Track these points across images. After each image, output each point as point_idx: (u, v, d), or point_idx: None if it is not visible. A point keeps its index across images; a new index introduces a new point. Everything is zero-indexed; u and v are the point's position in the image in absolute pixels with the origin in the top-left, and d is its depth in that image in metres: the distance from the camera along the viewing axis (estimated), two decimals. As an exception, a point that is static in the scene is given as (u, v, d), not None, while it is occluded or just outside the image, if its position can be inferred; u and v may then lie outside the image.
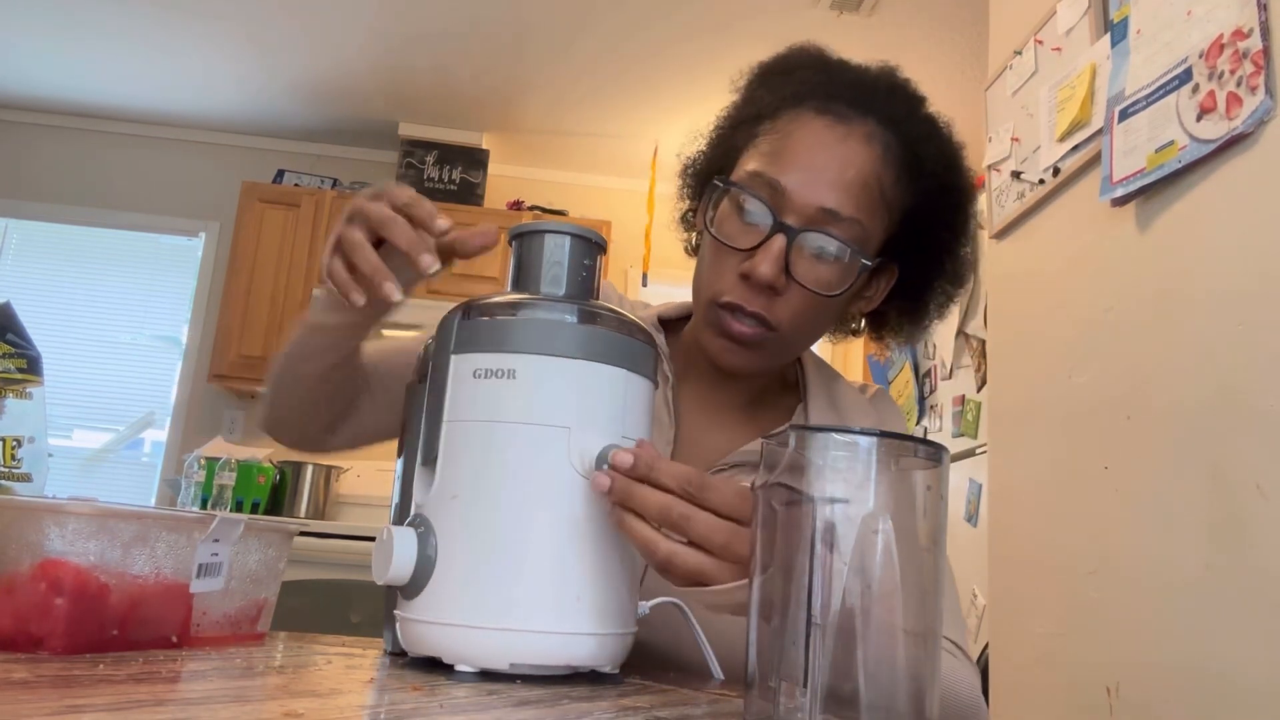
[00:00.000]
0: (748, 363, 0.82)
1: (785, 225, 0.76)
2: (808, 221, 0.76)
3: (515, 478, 0.59)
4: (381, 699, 0.49)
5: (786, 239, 0.76)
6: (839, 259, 0.77)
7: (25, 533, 0.53)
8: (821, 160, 0.77)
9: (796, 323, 0.79)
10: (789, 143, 0.78)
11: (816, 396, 0.90)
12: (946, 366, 2.64)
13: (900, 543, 0.44)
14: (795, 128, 0.79)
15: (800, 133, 0.79)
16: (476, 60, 3.50)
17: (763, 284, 0.76)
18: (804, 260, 0.77)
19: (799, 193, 0.76)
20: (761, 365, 0.83)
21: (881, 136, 0.79)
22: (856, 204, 0.77)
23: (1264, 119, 1.07)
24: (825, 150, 0.77)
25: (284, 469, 3.52)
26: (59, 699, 0.40)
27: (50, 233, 4.11)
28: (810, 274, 0.77)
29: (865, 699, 0.43)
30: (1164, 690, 1.17)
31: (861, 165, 0.78)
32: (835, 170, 0.77)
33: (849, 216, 0.76)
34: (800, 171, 0.77)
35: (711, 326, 0.81)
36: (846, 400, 0.91)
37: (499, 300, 0.63)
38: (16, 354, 0.75)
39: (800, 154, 0.77)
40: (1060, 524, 1.46)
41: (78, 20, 3.39)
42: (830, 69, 0.84)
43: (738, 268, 0.78)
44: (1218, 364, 1.13)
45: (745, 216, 0.78)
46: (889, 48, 3.19)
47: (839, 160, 0.77)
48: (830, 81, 0.82)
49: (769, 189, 0.77)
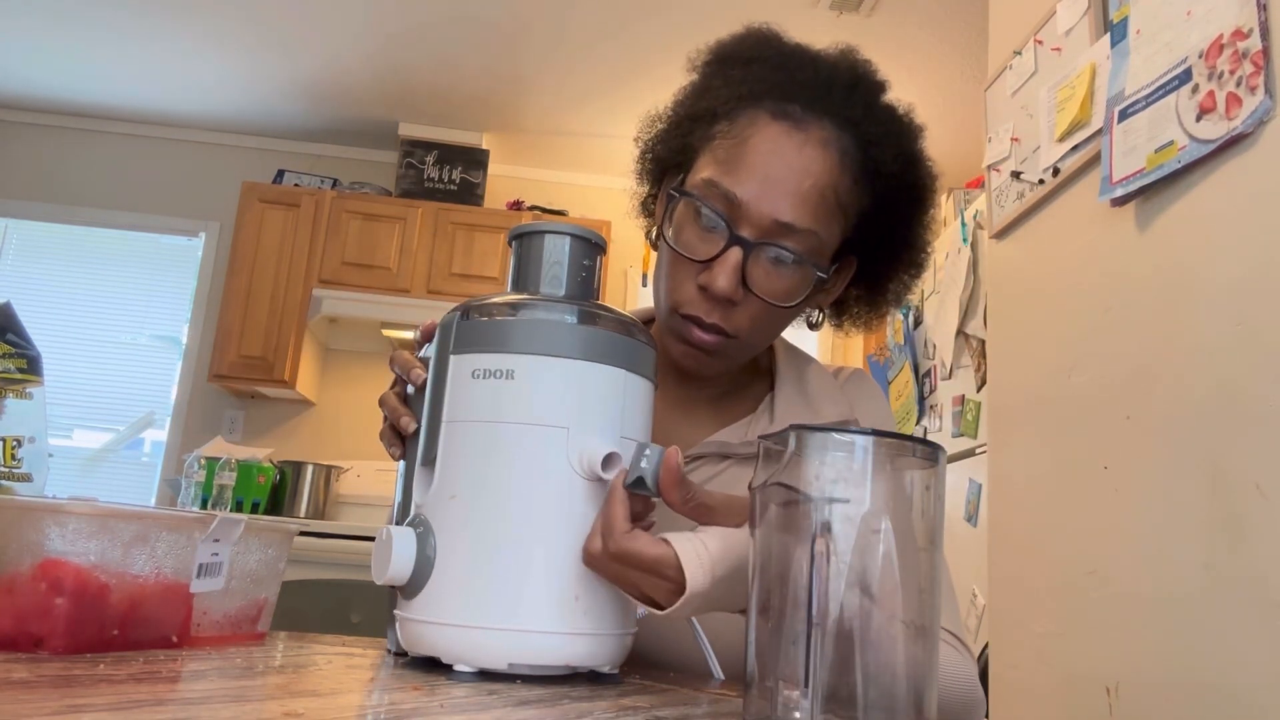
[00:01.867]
0: (709, 367, 0.83)
1: (741, 238, 0.76)
2: (763, 234, 0.76)
3: (514, 478, 0.59)
4: (381, 699, 0.49)
5: (743, 252, 0.76)
6: (795, 270, 0.78)
7: (26, 533, 0.53)
8: (777, 171, 0.77)
9: (755, 328, 0.80)
10: (744, 150, 0.78)
11: (785, 384, 0.90)
12: (946, 366, 2.64)
13: (898, 542, 0.44)
14: (751, 133, 0.78)
15: (756, 139, 0.78)
16: (476, 60, 3.50)
17: (719, 298, 0.76)
18: (760, 271, 0.77)
19: (754, 205, 0.76)
20: (723, 368, 0.84)
21: (838, 142, 0.79)
22: (813, 215, 0.77)
23: (1264, 119, 1.07)
24: (781, 160, 0.77)
25: (284, 469, 3.52)
26: (59, 699, 0.40)
27: (50, 233, 4.11)
28: (766, 285, 0.77)
29: (864, 698, 0.43)
30: (1163, 690, 1.17)
31: (818, 175, 0.77)
32: (792, 181, 0.76)
33: (804, 228, 0.76)
34: (756, 183, 0.76)
35: (673, 333, 0.81)
36: (817, 386, 0.90)
37: (497, 301, 0.63)
38: (16, 354, 0.76)
39: (756, 164, 0.77)
40: (1060, 524, 1.46)
41: (78, 20, 3.39)
42: (788, 63, 0.82)
43: (695, 278, 0.78)
44: (1217, 364, 1.13)
45: (702, 225, 0.78)
46: (889, 48, 3.19)
47: (796, 171, 0.77)
48: (788, 80, 0.81)
49: (724, 201, 0.77)
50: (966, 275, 2.53)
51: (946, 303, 2.66)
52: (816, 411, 0.87)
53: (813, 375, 0.92)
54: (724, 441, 0.85)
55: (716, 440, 0.85)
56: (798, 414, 0.86)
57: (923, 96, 3.48)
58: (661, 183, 0.90)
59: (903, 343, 2.98)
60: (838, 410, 0.87)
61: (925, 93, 3.45)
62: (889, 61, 3.85)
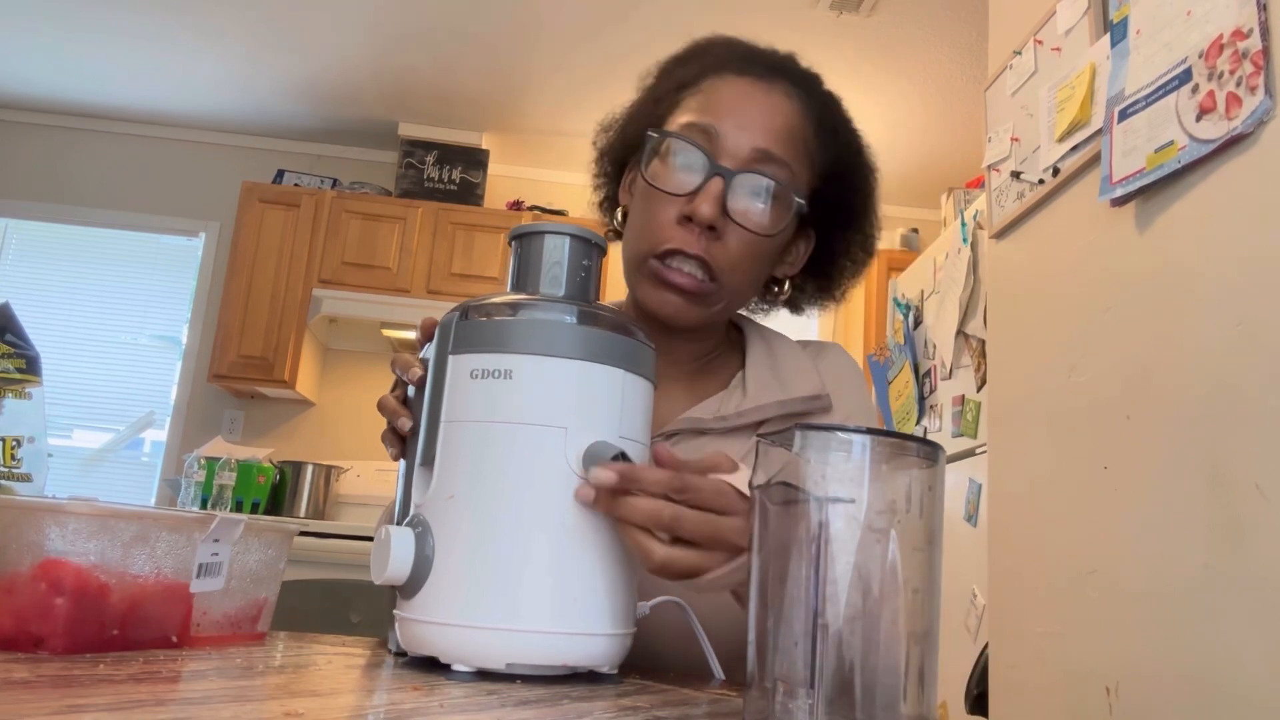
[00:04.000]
0: (688, 313, 0.82)
1: (722, 168, 0.79)
2: (743, 163, 0.80)
3: (512, 478, 0.59)
4: (381, 699, 0.49)
5: (724, 181, 0.79)
6: (773, 200, 0.81)
7: (25, 533, 0.53)
8: (751, 108, 0.82)
9: (734, 269, 0.82)
10: (717, 95, 0.83)
11: (756, 360, 0.91)
12: (946, 366, 2.64)
13: (897, 542, 0.44)
14: (720, 84, 0.84)
15: (727, 88, 0.83)
16: (476, 60, 3.50)
17: (704, 224, 0.78)
18: (741, 200, 0.80)
19: (733, 135, 0.80)
20: (701, 317, 0.84)
21: (798, 95, 0.85)
22: (785, 147, 0.82)
23: (1263, 119, 1.07)
24: (753, 100, 0.82)
25: (284, 469, 3.52)
26: (59, 699, 0.40)
27: (50, 233, 4.11)
28: (747, 214, 0.80)
29: (863, 697, 0.43)
30: (1163, 690, 1.17)
31: (788, 114, 0.83)
32: (765, 116, 0.82)
33: (780, 158, 0.81)
34: (732, 117, 0.81)
35: (650, 279, 0.82)
36: (787, 360, 0.91)
37: (496, 301, 0.63)
38: (16, 354, 0.76)
39: (730, 102, 0.82)
40: (1059, 524, 1.46)
41: (77, 20, 3.39)
42: (740, 45, 0.90)
43: (677, 214, 0.80)
44: (1217, 364, 1.13)
45: (680, 166, 0.81)
46: (889, 48, 3.19)
47: (767, 108, 0.82)
48: (745, 54, 0.88)
49: (703, 135, 0.80)
50: (966, 275, 2.53)
51: (946, 303, 2.66)
52: (786, 385, 0.88)
53: (783, 350, 0.93)
54: (698, 418, 0.86)
55: (690, 417, 0.86)
56: (769, 389, 0.87)
57: (923, 96, 3.48)
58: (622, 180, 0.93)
59: (903, 343, 2.98)
60: (809, 384, 0.88)
61: (925, 93, 3.45)
62: (889, 61, 3.84)
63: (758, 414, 0.86)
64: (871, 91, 3.47)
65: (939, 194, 3.61)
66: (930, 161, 3.91)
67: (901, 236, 3.96)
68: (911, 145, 3.82)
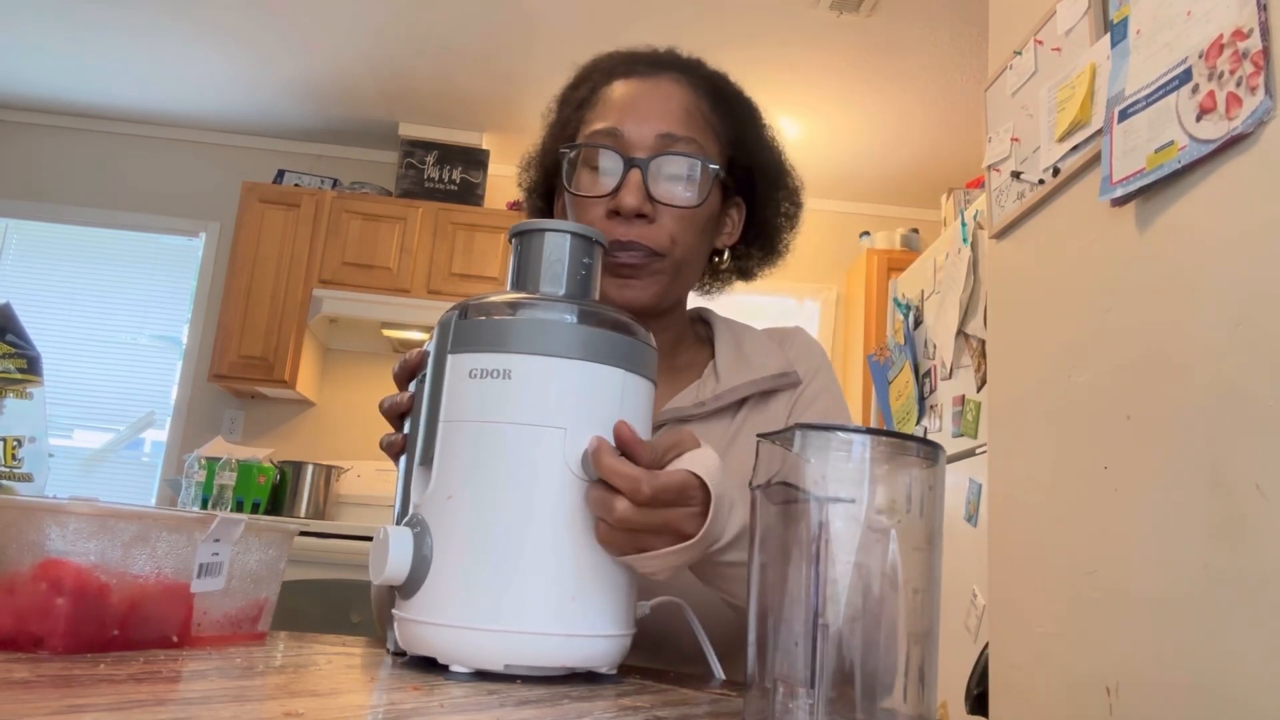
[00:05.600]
0: (643, 293, 0.88)
1: (634, 159, 0.86)
2: (652, 151, 0.86)
3: (510, 478, 0.58)
4: (381, 699, 0.49)
5: (640, 170, 0.85)
6: (690, 174, 0.87)
7: (26, 533, 0.53)
8: (645, 102, 0.89)
9: (674, 242, 0.87)
10: (612, 100, 0.90)
11: (724, 349, 0.97)
12: (946, 366, 2.64)
13: (898, 542, 0.44)
14: (611, 91, 0.91)
15: (618, 91, 0.90)
16: (477, 60, 3.50)
17: (631, 213, 0.84)
18: (662, 184, 0.86)
19: (636, 129, 0.87)
20: (658, 293, 0.89)
21: (684, 79, 0.92)
22: (687, 126, 0.88)
23: (1264, 119, 1.07)
24: (645, 94, 0.89)
25: (284, 469, 3.52)
26: (59, 699, 0.40)
27: (50, 233, 4.11)
28: (670, 194, 0.86)
29: (863, 698, 0.43)
30: (1163, 690, 1.17)
31: (680, 97, 0.89)
32: (660, 104, 0.88)
33: (684, 136, 0.87)
34: (631, 113, 0.88)
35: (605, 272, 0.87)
36: (753, 346, 0.97)
37: (495, 300, 0.63)
38: (16, 354, 0.76)
39: (626, 103, 0.89)
40: (1060, 524, 1.46)
41: (78, 20, 3.39)
42: (621, 53, 0.97)
43: (606, 210, 0.86)
44: (1217, 364, 1.13)
45: (600, 170, 0.87)
46: (889, 48, 3.19)
47: (660, 97, 0.89)
48: (627, 58, 0.95)
49: (610, 137, 0.87)
50: (966, 275, 2.53)
51: (946, 303, 2.66)
52: (755, 367, 0.94)
53: (748, 337, 1.00)
54: (678, 407, 0.91)
55: (671, 408, 0.92)
56: (740, 371, 0.94)
57: (923, 96, 3.48)
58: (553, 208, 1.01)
59: (903, 343, 2.98)
60: (776, 363, 0.95)
61: (925, 92, 3.45)
62: (889, 61, 3.84)
63: (732, 395, 0.92)
64: (871, 91, 3.47)
65: (939, 194, 3.61)
66: (930, 161, 3.91)
67: (902, 236, 3.96)
68: (911, 145, 3.82)
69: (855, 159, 3.95)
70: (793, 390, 0.95)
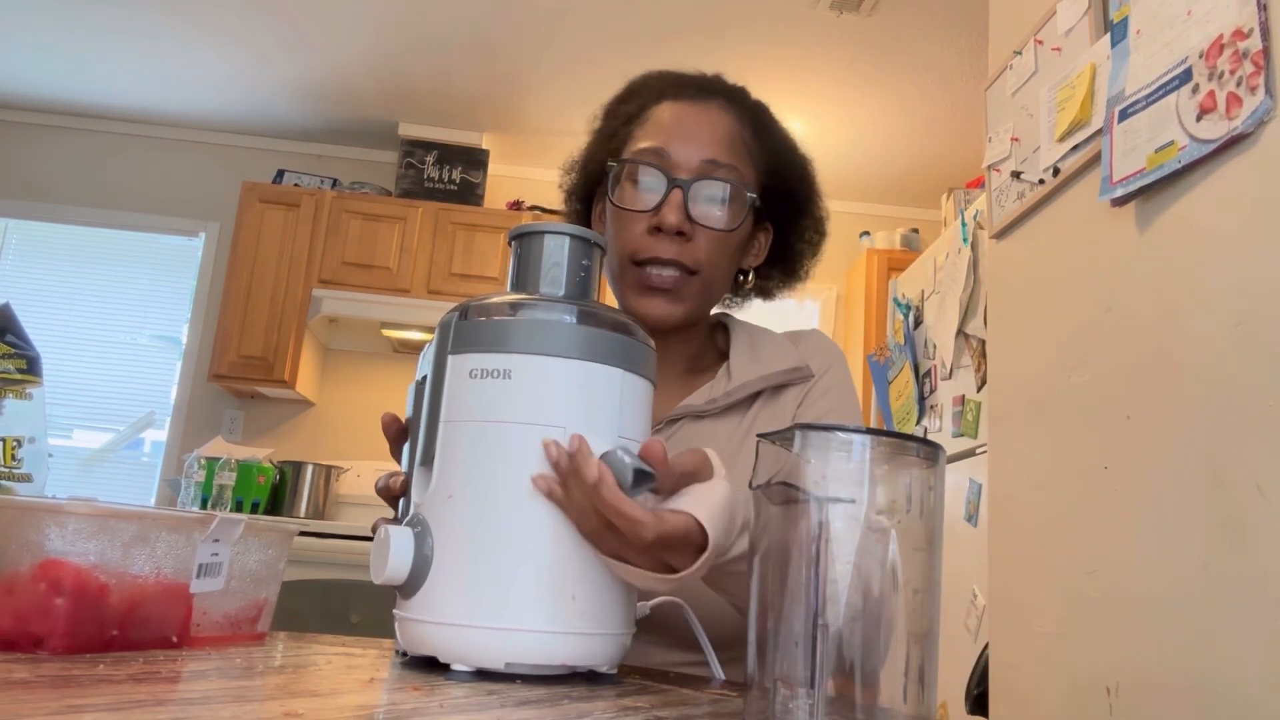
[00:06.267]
0: (674, 310, 0.92)
1: (679, 180, 0.90)
2: (695, 174, 0.91)
3: (511, 478, 0.58)
4: (381, 699, 0.49)
5: (683, 191, 0.90)
6: (728, 199, 0.92)
7: (25, 533, 0.53)
8: (692, 126, 0.93)
9: (708, 260, 0.92)
10: (661, 121, 0.94)
11: (739, 349, 0.99)
12: (946, 366, 2.64)
13: (898, 542, 0.44)
14: (662, 111, 0.96)
15: (668, 113, 0.95)
16: (476, 60, 3.50)
17: (672, 230, 0.89)
18: (700, 206, 0.91)
19: (682, 151, 0.91)
20: (688, 310, 0.93)
21: (730, 108, 0.96)
22: (730, 153, 0.93)
23: (1264, 119, 1.07)
24: (693, 119, 0.94)
25: (284, 469, 3.52)
26: (59, 699, 0.40)
27: (50, 233, 4.11)
28: (708, 215, 0.91)
29: (863, 698, 0.43)
30: (1164, 690, 1.17)
31: (725, 125, 0.94)
32: (706, 130, 0.93)
33: (727, 163, 0.92)
34: (678, 136, 0.92)
35: (634, 287, 0.92)
36: (767, 346, 1.00)
37: (495, 301, 0.63)
38: (16, 354, 0.76)
39: (674, 125, 0.93)
40: (1060, 524, 1.46)
41: (78, 20, 3.39)
42: (672, 74, 1.01)
43: (647, 226, 0.90)
44: (1218, 364, 1.13)
45: (642, 186, 0.92)
46: (889, 48, 3.19)
47: (706, 123, 0.94)
48: (678, 81, 0.99)
49: (657, 156, 0.92)
50: (966, 275, 2.53)
51: (946, 303, 2.65)
52: (766, 365, 0.96)
53: (763, 337, 1.02)
54: (692, 405, 0.95)
55: (686, 405, 0.95)
56: (751, 370, 0.96)
57: (923, 96, 3.48)
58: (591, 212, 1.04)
59: (903, 343, 2.98)
60: (788, 361, 0.97)
61: (925, 93, 3.45)
62: (889, 61, 3.84)
63: (743, 391, 0.95)
64: (871, 91, 3.47)
65: (939, 194, 3.61)
66: (930, 161, 3.91)
67: (902, 236, 3.96)
68: (911, 145, 3.82)
69: (855, 159, 3.95)
70: (804, 384, 0.97)
